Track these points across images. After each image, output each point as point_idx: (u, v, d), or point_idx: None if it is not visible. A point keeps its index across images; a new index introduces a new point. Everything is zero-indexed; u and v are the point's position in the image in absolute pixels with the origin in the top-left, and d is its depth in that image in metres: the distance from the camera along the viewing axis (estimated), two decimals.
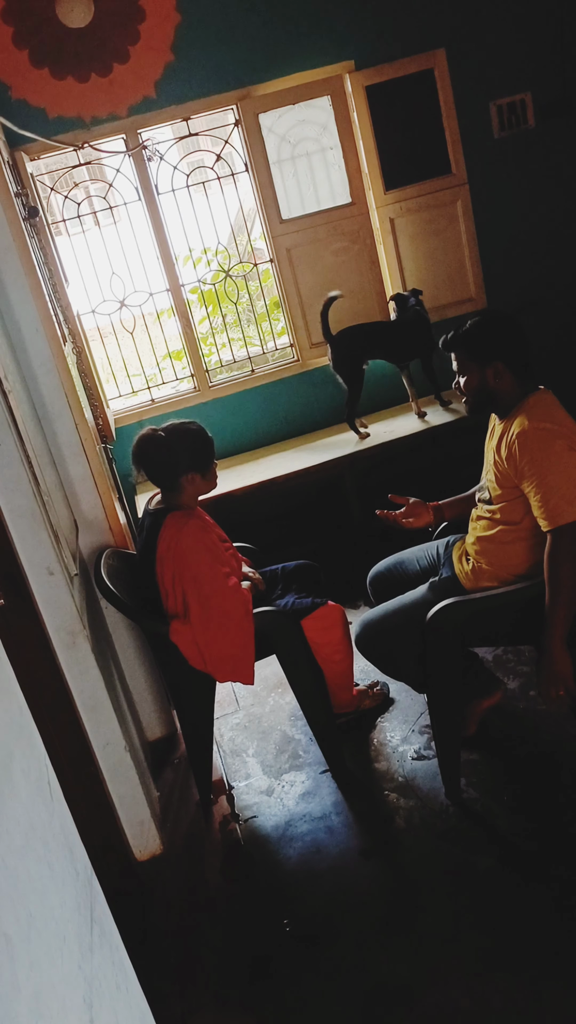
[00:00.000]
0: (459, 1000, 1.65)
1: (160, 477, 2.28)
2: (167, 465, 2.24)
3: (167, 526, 2.21)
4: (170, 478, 2.26)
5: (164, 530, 2.20)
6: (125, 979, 1.08)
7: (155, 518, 2.25)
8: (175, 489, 2.27)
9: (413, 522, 2.39)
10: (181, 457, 2.23)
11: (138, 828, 2.23)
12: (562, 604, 1.88)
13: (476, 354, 2.02)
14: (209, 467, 2.30)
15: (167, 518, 2.22)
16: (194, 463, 2.25)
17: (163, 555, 2.20)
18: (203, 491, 2.33)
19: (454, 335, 2.06)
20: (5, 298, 2.25)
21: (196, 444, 2.28)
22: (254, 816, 2.34)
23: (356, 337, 3.43)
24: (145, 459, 2.26)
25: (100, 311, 3.67)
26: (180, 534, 2.19)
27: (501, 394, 2.03)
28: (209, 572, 2.19)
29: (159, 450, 2.24)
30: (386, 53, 3.44)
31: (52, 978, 0.77)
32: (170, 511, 2.25)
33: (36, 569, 1.91)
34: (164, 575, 2.21)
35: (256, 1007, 1.77)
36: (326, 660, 2.40)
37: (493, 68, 3.57)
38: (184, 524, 2.21)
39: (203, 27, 3.27)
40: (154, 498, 2.38)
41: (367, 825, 2.20)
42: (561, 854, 1.94)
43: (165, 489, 2.30)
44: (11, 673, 1.02)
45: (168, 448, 2.23)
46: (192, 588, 2.18)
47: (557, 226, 3.83)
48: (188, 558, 2.18)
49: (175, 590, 2.20)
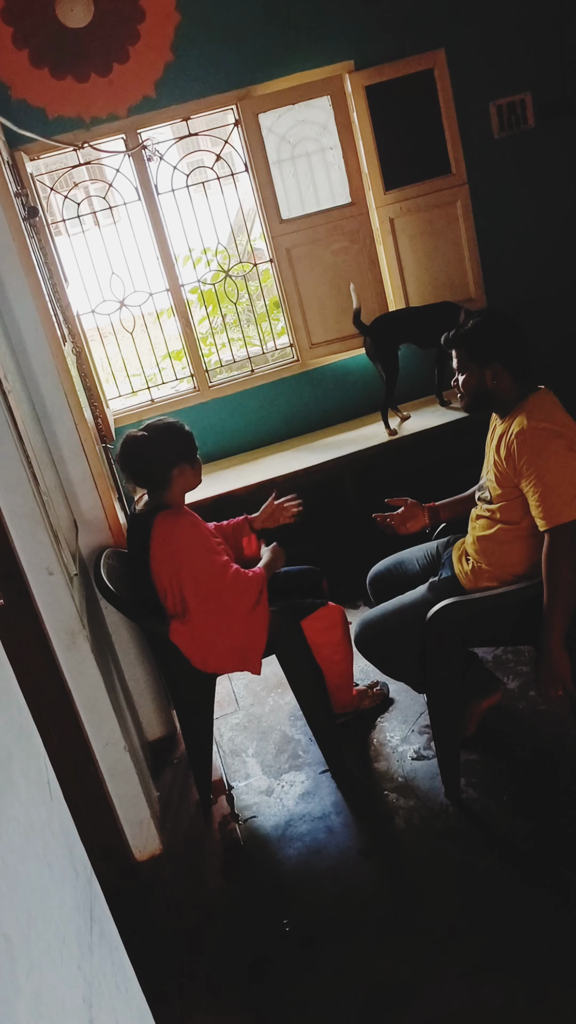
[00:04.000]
0: (459, 1000, 1.65)
1: (149, 475, 2.25)
2: (156, 461, 2.22)
3: (158, 525, 2.19)
4: (160, 474, 2.23)
5: (156, 529, 2.19)
6: (125, 979, 1.08)
7: (145, 519, 2.24)
8: (166, 485, 2.25)
9: (410, 527, 2.40)
10: (168, 450, 2.23)
11: (138, 828, 2.23)
12: (560, 604, 1.89)
13: (475, 354, 2.03)
14: (196, 458, 2.30)
15: (157, 518, 2.21)
16: (182, 454, 2.25)
17: (157, 555, 2.19)
18: (192, 484, 2.31)
19: (455, 333, 2.06)
20: (5, 298, 2.25)
21: (179, 436, 2.27)
22: (254, 816, 2.34)
23: (391, 323, 3.50)
24: (133, 460, 2.24)
25: (100, 311, 3.67)
26: (173, 532, 2.19)
27: (499, 395, 2.03)
28: (207, 567, 2.18)
29: (145, 448, 2.23)
30: (386, 53, 3.44)
31: (52, 978, 0.77)
32: (159, 511, 2.23)
33: (36, 569, 1.91)
34: (161, 575, 2.20)
35: (256, 1007, 1.77)
36: (326, 661, 2.40)
37: (493, 68, 3.57)
38: (175, 522, 2.20)
39: (203, 27, 3.27)
40: (141, 499, 2.37)
41: (367, 825, 2.20)
42: (561, 854, 1.95)
43: (154, 488, 2.28)
44: (11, 673, 1.02)
45: (153, 445, 2.23)
46: (190, 585, 2.18)
47: (557, 226, 3.83)
48: (183, 555, 2.17)
49: (172, 589, 2.20)
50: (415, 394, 3.85)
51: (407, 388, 3.87)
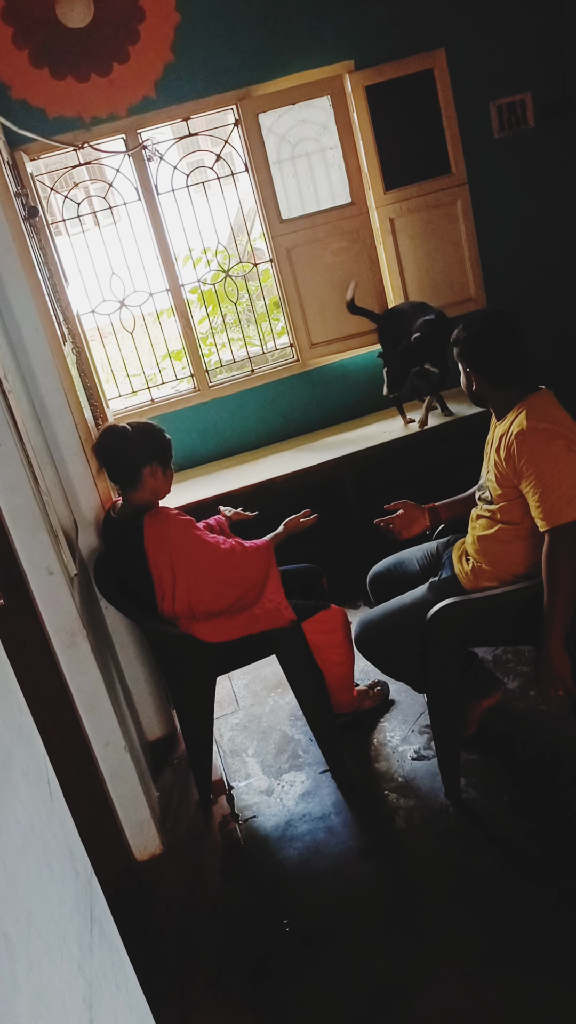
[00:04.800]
0: (458, 1000, 1.65)
1: (121, 470, 2.27)
2: (131, 454, 2.24)
3: (149, 528, 2.19)
4: (132, 469, 2.24)
5: (148, 532, 2.19)
6: (125, 979, 1.08)
7: (130, 524, 2.23)
8: (135, 483, 2.26)
9: (412, 530, 2.40)
10: (144, 448, 2.25)
11: (138, 828, 2.23)
12: (560, 604, 1.89)
13: (460, 359, 2.09)
14: (169, 465, 2.32)
15: (144, 520, 2.21)
16: (156, 455, 2.26)
17: (156, 559, 2.18)
18: (163, 489, 2.32)
19: (455, 333, 2.09)
20: (5, 298, 2.25)
21: (157, 438, 2.29)
22: (254, 816, 2.34)
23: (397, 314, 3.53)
24: (106, 452, 2.27)
25: (100, 311, 3.67)
26: (166, 530, 2.19)
27: (485, 398, 2.08)
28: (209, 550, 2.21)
29: (123, 440, 2.25)
30: (386, 53, 3.44)
31: (52, 978, 0.77)
32: (141, 514, 2.23)
33: (36, 569, 1.91)
34: (163, 578, 2.20)
35: (256, 1007, 1.77)
36: (327, 662, 2.40)
37: (493, 68, 3.57)
38: (165, 521, 2.21)
39: (203, 27, 3.27)
40: (116, 504, 2.38)
41: (367, 825, 2.20)
42: (561, 854, 1.95)
43: (124, 484, 2.29)
44: (11, 673, 1.02)
45: (131, 438, 2.25)
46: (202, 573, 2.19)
47: (557, 226, 3.83)
48: (182, 551, 2.18)
49: (178, 588, 2.20)
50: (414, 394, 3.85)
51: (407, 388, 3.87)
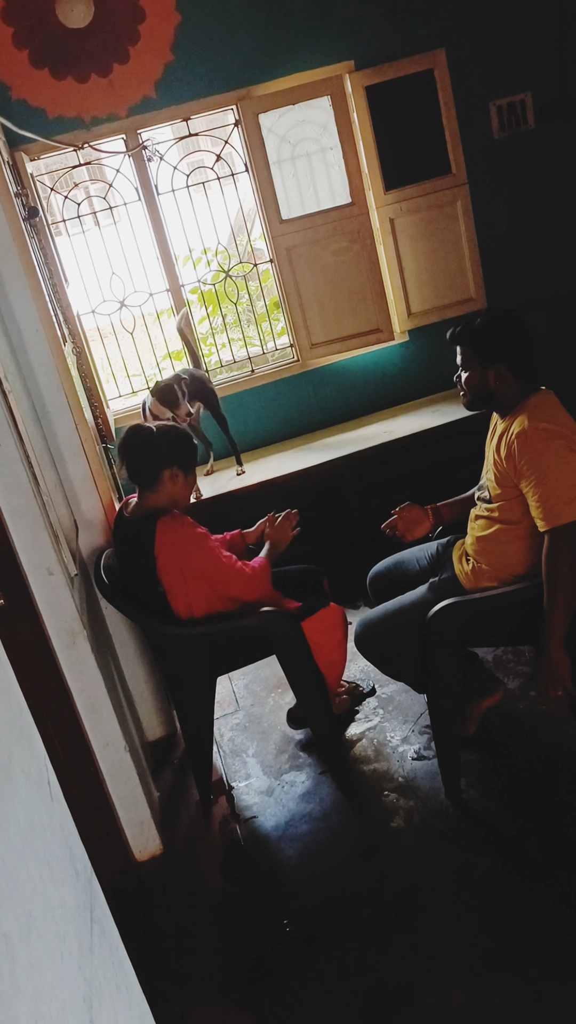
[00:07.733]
0: (459, 1000, 1.65)
1: (141, 470, 2.23)
2: (153, 454, 2.21)
3: (162, 532, 2.14)
4: (154, 469, 2.21)
5: (161, 536, 2.14)
6: (125, 979, 1.08)
7: (144, 525, 2.17)
8: (154, 484, 2.22)
9: (417, 533, 2.40)
10: (168, 449, 2.22)
11: (138, 828, 2.23)
12: (560, 604, 1.89)
13: (480, 353, 2.02)
14: (192, 471, 2.29)
15: (158, 524, 2.15)
16: (180, 458, 2.23)
17: (166, 564, 2.14)
18: (183, 495, 2.28)
19: (462, 329, 2.04)
20: (5, 298, 2.25)
21: (183, 443, 2.27)
22: (254, 816, 2.34)
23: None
24: (128, 450, 2.24)
25: (100, 311, 3.67)
26: (179, 537, 2.15)
27: (500, 395, 2.03)
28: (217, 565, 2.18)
29: (144, 442, 2.22)
30: (386, 53, 3.44)
31: (52, 978, 0.77)
32: (156, 516, 2.18)
33: (36, 569, 1.91)
34: (173, 585, 2.17)
35: (256, 1007, 1.77)
36: (325, 662, 2.40)
37: (493, 68, 3.57)
38: (179, 528, 2.16)
39: (203, 27, 3.27)
40: (129, 503, 2.33)
41: (367, 825, 2.20)
42: (561, 854, 1.95)
43: (143, 484, 2.25)
44: (11, 673, 1.02)
45: (156, 439, 2.22)
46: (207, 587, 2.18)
47: (557, 226, 3.83)
48: (194, 562, 2.15)
49: (188, 594, 2.19)
50: (415, 394, 3.86)
51: (406, 388, 3.88)
